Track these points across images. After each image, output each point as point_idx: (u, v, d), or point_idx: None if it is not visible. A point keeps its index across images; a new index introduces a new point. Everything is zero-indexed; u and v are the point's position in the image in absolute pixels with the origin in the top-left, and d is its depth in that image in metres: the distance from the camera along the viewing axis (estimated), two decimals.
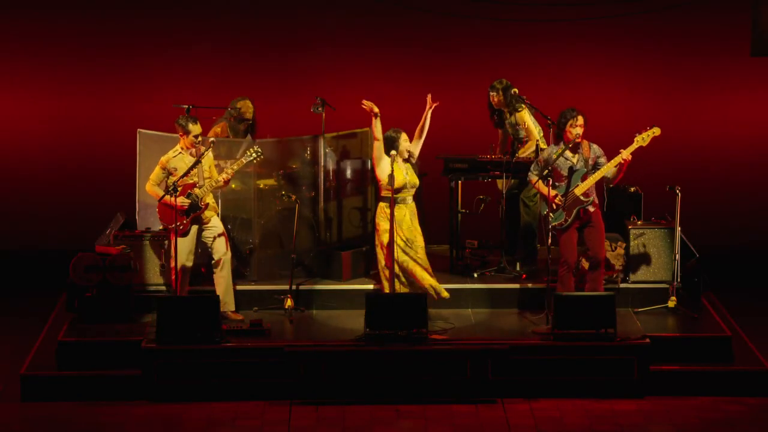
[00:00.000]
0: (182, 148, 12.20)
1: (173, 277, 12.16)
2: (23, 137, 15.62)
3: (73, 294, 12.51)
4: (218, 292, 12.26)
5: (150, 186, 12.25)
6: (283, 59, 15.55)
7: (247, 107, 13.39)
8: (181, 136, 12.17)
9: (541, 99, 13.41)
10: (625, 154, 11.84)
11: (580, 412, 11.29)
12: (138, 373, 11.53)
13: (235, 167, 12.22)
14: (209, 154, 12.21)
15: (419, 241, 12.20)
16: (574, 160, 12.02)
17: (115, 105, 15.53)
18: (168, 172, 12.16)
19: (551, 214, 12.06)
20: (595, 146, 12.03)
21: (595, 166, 11.98)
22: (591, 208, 12.05)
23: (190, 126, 12.14)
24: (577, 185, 11.98)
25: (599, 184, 12.20)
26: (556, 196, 12.00)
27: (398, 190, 12.07)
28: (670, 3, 15.12)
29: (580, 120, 11.94)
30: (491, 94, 13.17)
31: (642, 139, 11.86)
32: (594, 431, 10.96)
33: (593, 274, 12.12)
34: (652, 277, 12.81)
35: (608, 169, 11.91)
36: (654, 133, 11.88)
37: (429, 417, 11.20)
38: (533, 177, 12.16)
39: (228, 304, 12.32)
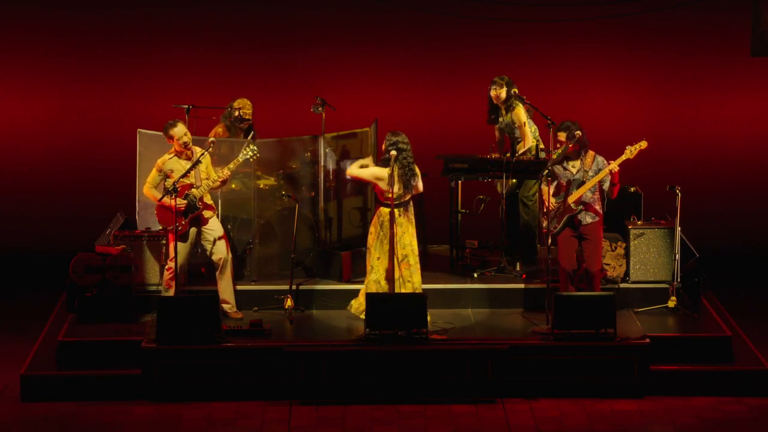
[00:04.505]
0: (176, 152, 12.19)
1: (169, 278, 12.16)
2: (23, 137, 15.62)
3: (73, 294, 12.51)
4: (219, 292, 12.26)
5: (147, 189, 12.24)
6: (283, 59, 15.55)
7: (244, 104, 13.35)
8: (169, 141, 12.17)
9: (541, 99, 13.41)
10: (613, 165, 11.90)
11: (580, 412, 11.29)
12: (138, 373, 11.53)
13: (232, 166, 12.21)
14: (206, 155, 12.20)
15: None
16: (574, 170, 12.04)
17: (115, 105, 15.53)
18: (165, 175, 12.15)
19: (544, 219, 12.13)
20: (599, 158, 12.05)
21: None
22: (588, 219, 12.05)
23: (172, 131, 12.11)
24: (571, 194, 12.02)
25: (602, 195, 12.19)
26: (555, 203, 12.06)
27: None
28: (670, 3, 15.12)
29: (559, 135, 12.04)
30: (493, 88, 13.14)
31: (630, 152, 11.92)
32: (594, 431, 10.96)
33: (588, 288, 12.11)
34: (652, 277, 12.81)
35: (597, 179, 11.94)
36: (641, 146, 11.94)
37: (429, 417, 11.20)
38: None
39: (229, 304, 12.33)
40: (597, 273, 12.10)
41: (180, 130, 12.13)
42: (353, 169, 12.22)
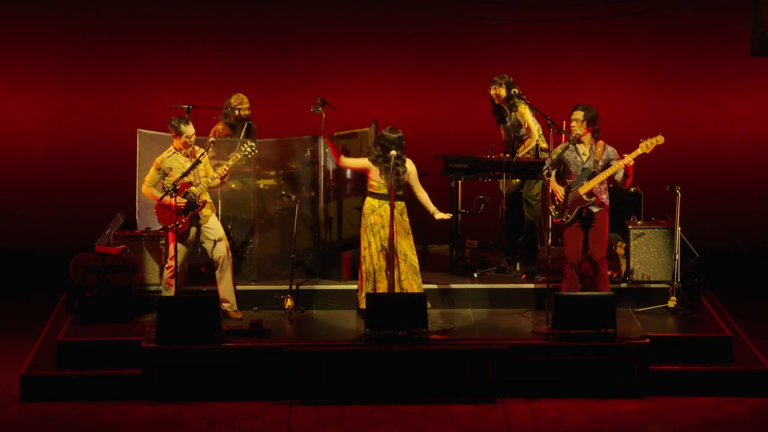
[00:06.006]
0: (176, 149, 12.20)
1: (169, 276, 12.16)
2: (23, 137, 15.62)
3: (73, 294, 12.52)
4: (219, 292, 12.26)
5: (146, 187, 12.24)
6: (283, 59, 15.55)
7: (240, 99, 13.37)
8: (174, 137, 12.17)
9: (541, 99, 13.41)
10: (628, 159, 11.86)
11: (580, 412, 11.29)
12: (138, 373, 11.52)
13: (230, 163, 12.22)
14: (206, 154, 12.20)
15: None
16: (584, 159, 12.02)
17: (115, 105, 15.53)
18: (163, 173, 12.16)
19: (553, 209, 12.10)
20: (610, 148, 12.01)
21: (605, 168, 11.97)
22: (595, 209, 12.04)
23: (182, 127, 12.13)
24: (582, 184, 11.98)
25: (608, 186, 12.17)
26: (563, 192, 12.04)
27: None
28: (670, 3, 15.13)
29: (575, 114, 11.98)
30: (492, 87, 13.14)
31: (645, 146, 11.86)
32: (594, 431, 10.96)
33: (595, 276, 12.10)
34: (652, 277, 12.81)
35: (611, 172, 11.90)
36: (657, 141, 11.86)
37: (429, 417, 11.19)
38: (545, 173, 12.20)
39: (229, 303, 12.33)
40: (601, 261, 12.07)
41: (191, 129, 12.16)
42: (345, 160, 12.32)
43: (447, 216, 12.25)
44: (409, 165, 12.21)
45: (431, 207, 12.27)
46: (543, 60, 15.52)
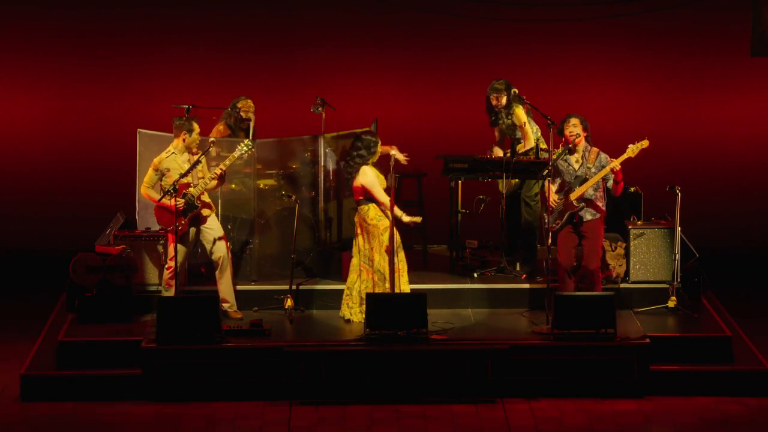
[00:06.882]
0: (175, 149, 12.18)
1: (168, 277, 12.16)
2: (23, 137, 15.63)
3: (73, 294, 12.52)
4: (219, 292, 12.26)
5: (144, 189, 12.24)
6: (283, 59, 15.56)
7: (248, 106, 13.41)
8: (184, 134, 12.15)
9: (541, 99, 13.40)
10: (615, 164, 11.90)
11: (580, 412, 11.29)
12: (138, 373, 11.53)
13: (227, 162, 12.21)
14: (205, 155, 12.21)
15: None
16: (576, 166, 12.04)
17: (115, 105, 15.54)
18: (161, 174, 12.15)
19: (546, 215, 12.14)
20: (603, 156, 12.03)
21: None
22: (588, 216, 12.05)
23: (193, 123, 12.15)
24: (574, 190, 12.02)
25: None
26: (555, 198, 12.06)
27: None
28: (670, 3, 15.13)
29: (572, 121, 12.03)
30: (494, 96, 13.10)
31: (632, 151, 11.92)
32: (594, 431, 10.96)
33: (589, 286, 12.09)
34: (652, 277, 12.81)
35: (599, 177, 11.94)
36: (642, 145, 11.94)
37: (429, 417, 11.20)
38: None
39: (229, 303, 12.33)
40: (594, 271, 12.08)
41: (197, 128, 12.16)
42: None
43: (415, 219, 12.19)
44: (367, 171, 12.10)
45: (398, 212, 12.17)
46: (543, 60, 15.52)
